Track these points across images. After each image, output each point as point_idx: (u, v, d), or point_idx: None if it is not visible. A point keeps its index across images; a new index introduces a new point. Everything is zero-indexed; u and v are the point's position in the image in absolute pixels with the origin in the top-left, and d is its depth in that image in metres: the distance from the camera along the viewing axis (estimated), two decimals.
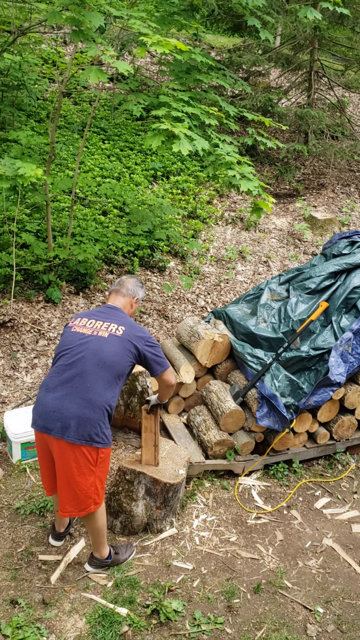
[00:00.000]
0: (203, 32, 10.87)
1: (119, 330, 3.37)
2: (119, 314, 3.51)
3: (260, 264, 7.47)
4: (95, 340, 3.32)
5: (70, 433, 3.17)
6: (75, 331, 3.39)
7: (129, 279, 3.68)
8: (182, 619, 3.42)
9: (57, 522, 3.75)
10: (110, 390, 3.28)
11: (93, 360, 3.26)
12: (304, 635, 3.42)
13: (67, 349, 3.33)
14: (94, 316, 3.47)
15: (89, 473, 3.26)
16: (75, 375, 3.25)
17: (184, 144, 4.41)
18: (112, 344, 3.32)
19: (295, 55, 9.99)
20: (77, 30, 4.47)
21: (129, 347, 3.35)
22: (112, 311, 3.52)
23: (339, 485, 4.65)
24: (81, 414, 3.18)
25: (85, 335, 3.35)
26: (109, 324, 3.40)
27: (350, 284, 4.90)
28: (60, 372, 3.29)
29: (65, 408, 3.19)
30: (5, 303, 5.60)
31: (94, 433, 3.21)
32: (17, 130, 7.40)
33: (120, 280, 3.68)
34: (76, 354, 3.29)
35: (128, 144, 8.63)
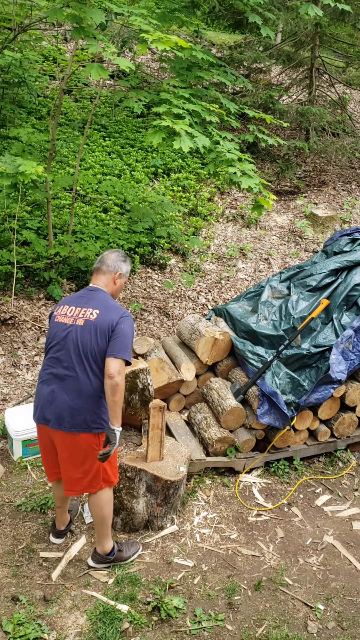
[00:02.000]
0: (204, 28, 10.85)
1: (93, 315, 3.30)
2: (98, 295, 3.40)
3: (261, 261, 7.47)
4: (74, 330, 3.29)
5: (66, 424, 3.25)
6: (59, 321, 3.37)
7: (110, 254, 3.52)
8: (182, 615, 3.43)
9: (57, 520, 3.76)
10: (98, 378, 3.27)
11: (75, 352, 3.26)
12: (305, 632, 3.43)
13: (54, 342, 3.34)
14: (74, 302, 3.40)
15: (93, 458, 3.31)
16: (64, 368, 3.29)
17: (185, 141, 4.41)
18: (88, 331, 3.27)
19: (296, 52, 9.96)
20: (78, 27, 4.46)
21: (103, 329, 3.25)
22: (91, 294, 3.42)
23: (340, 482, 4.65)
24: (73, 405, 3.24)
25: (67, 325, 3.32)
26: (86, 309, 3.33)
27: (351, 281, 4.90)
28: (51, 365, 3.34)
29: (57, 400, 3.28)
30: (6, 300, 5.60)
31: (90, 420, 3.26)
32: (17, 127, 7.39)
33: (101, 257, 3.53)
34: (61, 347, 3.31)
35: (129, 141, 8.62)
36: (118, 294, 3.56)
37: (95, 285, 3.47)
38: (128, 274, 3.55)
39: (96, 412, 3.28)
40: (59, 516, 3.75)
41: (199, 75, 5.34)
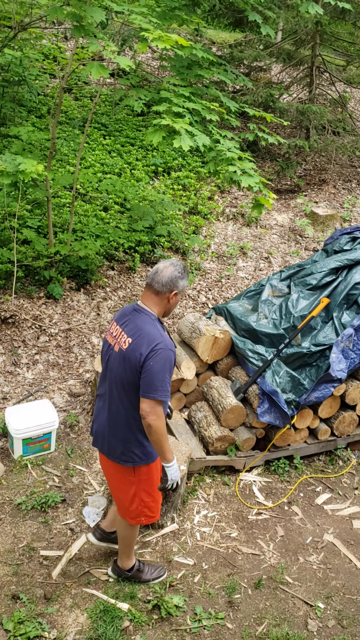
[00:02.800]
0: (204, 27, 10.82)
1: (126, 344, 3.02)
2: (138, 319, 3.05)
3: (261, 260, 7.47)
4: (112, 355, 3.11)
5: (105, 449, 3.20)
6: (106, 339, 3.20)
7: (165, 271, 3.04)
8: (183, 614, 3.43)
9: (107, 520, 3.68)
10: (130, 409, 3.07)
11: (111, 377, 3.12)
12: (305, 631, 3.43)
13: (104, 360, 3.21)
14: (120, 321, 3.14)
15: (129, 485, 3.22)
16: (104, 391, 3.20)
17: (185, 140, 4.40)
18: (120, 360, 3.03)
19: (297, 50, 9.95)
20: (78, 26, 4.46)
21: (132, 364, 2.98)
22: (134, 315, 3.08)
23: (340, 481, 4.66)
24: (107, 430, 3.17)
25: (110, 346, 3.14)
26: (123, 334, 3.06)
27: (351, 280, 4.90)
28: (102, 384, 3.25)
29: (100, 420, 3.23)
30: (7, 299, 5.60)
31: (120, 451, 3.14)
32: (18, 126, 7.39)
33: (155, 272, 3.06)
34: (105, 368, 3.19)
35: (129, 140, 8.62)
36: (172, 310, 3.23)
37: (142, 306, 3.09)
38: (185, 288, 3.16)
39: (126, 445, 3.12)
40: (110, 515, 3.68)
41: (199, 73, 5.34)
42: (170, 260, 3.11)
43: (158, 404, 2.95)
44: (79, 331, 5.69)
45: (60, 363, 5.34)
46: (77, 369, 5.32)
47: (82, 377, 5.23)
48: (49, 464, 4.36)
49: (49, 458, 4.41)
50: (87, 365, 5.36)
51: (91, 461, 4.44)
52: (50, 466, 4.34)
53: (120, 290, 6.31)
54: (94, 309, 5.99)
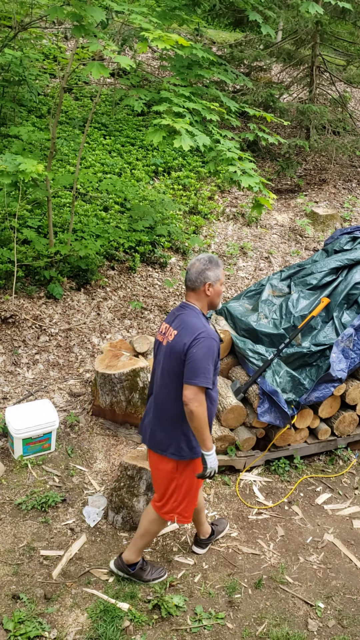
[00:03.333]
0: (204, 27, 10.82)
1: (171, 336, 3.19)
2: (183, 313, 3.22)
3: (261, 259, 7.47)
4: (162, 350, 3.26)
5: (150, 441, 3.33)
6: (156, 339, 3.36)
7: (193, 267, 3.22)
8: (183, 614, 3.43)
9: (198, 531, 3.82)
10: (177, 401, 3.16)
11: (161, 372, 3.25)
12: (305, 631, 3.43)
13: (154, 358, 3.37)
14: (168, 320, 3.31)
15: (170, 479, 3.32)
16: (156, 386, 3.33)
17: (185, 140, 4.40)
18: (168, 353, 3.19)
19: (297, 50, 9.94)
20: (79, 25, 4.46)
21: (177, 353, 3.14)
22: (180, 311, 3.26)
23: (340, 481, 4.66)
24: (155, 424, 3.30)
25: (160, 343, 3.30)
26: (171, 329, 3.22)
27: (351, 279, 4.89)
28: (151, 382, 3.41)
29: (149, 419, 3.36)
30: (7, 299, 5.60)
31: (167, 443, 3.25)
32: (18, 125, 7.38)
33: (187, 270, 3.26)
34: (156, 364, 3.34)
35: (129, 140, 8.61)
36: (217, 300, 3.30)
37: (185, 302, 3.29)
38: (220, 277, 3.25)
39: (174, 438, 3.23)
40: (197, 528, 3.80)
41: (200, 73, 5.34)
42: (197, 256, 3.26)
43: (200, 391, 3.05)
44: (79, 331, 5.69)
45: (61, 363, 5.34)
46: (77, 369, 5.32)
47: (82, 377, 5.23)
48: (49, 463, 4.36)
49: (49, 458, 4.41)
50: (87, 365, 5.36)
51: (91, 461, 4.44)
52: (51, 466, 4.34)
53: (120, 290, 6.32)
54: (94, 309, 5.99)
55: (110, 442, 4.61)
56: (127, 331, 5.86)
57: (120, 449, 4.56)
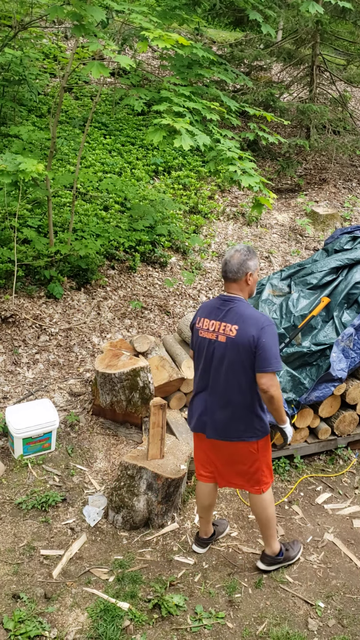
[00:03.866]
0: (204, 26, 10.82)
1: (233, 331, 3.25)
2: (235, 307, 3.29)
3: (261, 259, 7.47)
4: (217, 347, 3.30)
5: (221, 433, 3.39)
6: (203, 337, 3.37)
7: (232, 259, 3.29)
8: (183, 613, 3.43)
9: (201, 530, 3.83)
10: (247, 392, 3.31)
11: (222, 368, 3.31)
12: (305, 630, 3.43)
13: (200, 356, 3.41)
14: (212, 315, 3.34)
15: (253, 459, 3.46)
16: (214, 382, 3.37)
17: (186, 139, 4.40)
18: (231, 348, 3.25)
19: (297, 49, 9.94)
20: (79, 25, 4.46)
21: (245, 347, 3.22)
22: (227, 305, 3.32)
23: (340, 480, 4.66)
24: (224, 418, 3.36)
25: (211, 340, 3.32)
26: (225, 324, 3.28)
27: (352, 279, 4.89)
28: (202, 378, 3.43)
29: (211, 412, 3.40)
30: (7, 298, 5.60)
31: (242, 430, 3.36)
32: (18, 125, 7.39)
33: (225, 263, 3.32)
34: (209, 362, 3.36)
35: (129, 139, 8.61)
36: (254, 288, 3.46)
37: (230, 295, 3.35)
38: (257, 265, 3.38)
39: (248, 422, 3.36)
40: (202, 526, 3.82)
41: (200, 73, 5.34)
42: (235, 247, 3.34)
43: (275, 375, 3.25)
44: (80, 330, 5.69)
45: (61, 362, 5.34)
46: (78, 369, 5.32)
47: (83, 376, 5.23)
48: (49, 463, 4.36)
49: (49, 457, 4.41)
50: (87, 365, 5.36)
51: (91, 460, 4.44)
52: (51, 465, 4.34)
53: (120, 290, 6.32)
54: (95, 309, 5.99)
55: (110, 441, 4.61)
56: (128, 331, 5.86)
57: (120, 448, 4.56)
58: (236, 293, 3.35)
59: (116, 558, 3.72)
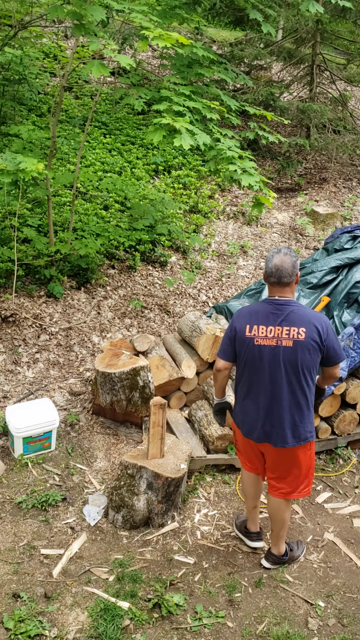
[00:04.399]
0: (205, 25, 10.82)
1: (301, 335, 3.24)
2: (295, 310, 3.29)
3: (262, 258, 7.47)
4: (283, 352, 3.27)
5: (277, 440, 3.40)
6: (261, 344, 3.29)
7: (283, 263, 3.26)
8: (183, 612, 3.43)
9: (251, 522, 3.87)
10: (307, 393, 3.36)
11: (286, 372, 3.29)
12: (305, 629, 3.43)
13: (255, 362, 3.34)
14: (270, 321, 3.29)
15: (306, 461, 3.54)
16: (273, 387, 3.34)
17: (186, 139, 4.40)
18: (302, 351, 3.25)
19: (297, 48, 9.93)
20: (79, 24, 4.46)
21: (315, 347, 3.26)
22: (283, 308, 3.29)
23: (340, 480, 4.66)
24: (284, 423, 3.37)
25: (272, 347, 3.27)
26: (289, 328, 3.25)
27: (352, 278, 4.89)
28: (258, 384, 3.37)
29: (267, 418, 3.39)
30: (7, 298, 5.60)
31: (299, 433, 3.40)
32: (18, 124, 7.39)
33: (277, 268, 3.27)
34: (269, 367, 3.32)
35: (129, 138, 8.61)
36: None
37: (284, 298, 3.32)
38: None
39: (308, 423, 3.42)
40: (254, 517, 3.83)
41: (200, 72, 5.33)
42: (278, 251, 3.32)
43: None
44: (80, 330, 5.69)
45: (61, 362, 5.34)
46: (78, 368, 5.32)
47: (83, 375, 5.23)
48: (49, 462, 4.36)
49: (49, 457, 4.41)
50: (87, 364, 5.36)
51: (92, 460, 4.45)
52: (51, 465, 4.34)
53: (120, 289, 6.32)
54: (95, 308, 5.99)
55: (110, 441, 4.61)
56: (128, 330, 5.86)
57: (120, 447, 4.56)
58: (288, 296, 3.33)
59: (116, 557, 3.72)
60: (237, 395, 3.53)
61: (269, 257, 3.32)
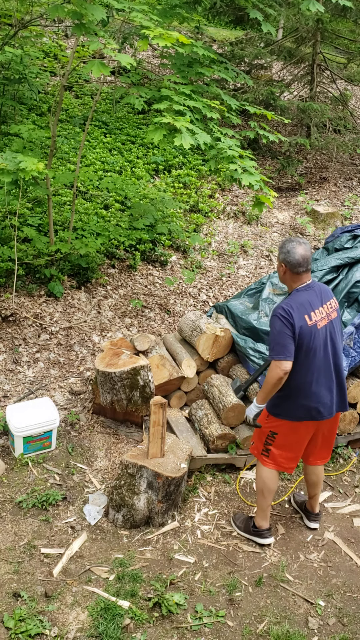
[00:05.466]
0: (205, 24, 10.81)
1: (335, 303, 3.66)
2: (320, 287, 3.66)
3: (262, 258, 7.46)
4: (331, 325, 3.59)
5: (335, 408, 3.73)
6: (320, 326, 3.53)
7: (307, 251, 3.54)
8: (183, 612, 3.44)
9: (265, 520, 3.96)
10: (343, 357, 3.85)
11: (337, 343, 3.65)
12: (306, 628, 3.44)
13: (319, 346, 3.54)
14: (317, 303, 3.55)
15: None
16: (333, 363, 3.62)
17: (186, 138, 4.40)
18: (338, 317, 3.69)
19: (298, 48, 9.93)
20: (79, 24, 4.45)
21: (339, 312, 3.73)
22: (316, 287, 3.62)
23: (341, 479, 4.66)
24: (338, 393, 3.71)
25: (327, 325, 3.57)
26: (328, 302, 3.61)
27: (352, 278, 4.89)
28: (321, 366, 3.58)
29: (332, 393, 3.66)
30: (7, 297, 5.60)
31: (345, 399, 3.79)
32: (18, 124, 7.38)
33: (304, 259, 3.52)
34: (329, 344, 3.59)
35: (130, 138, 8.61)
36: None
37: (310, 282, 3.61)
38: None
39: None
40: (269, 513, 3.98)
41: (200, 71, 5.33)
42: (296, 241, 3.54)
43: None
44: (80, 329, 5.69)
45: (61, 361, 5.34)
46: (78, 367, 5.32)
47: (83, 375, 5.24)
48: (49, 462, 4.36)
49: (49, 456, 4.41)
50: (87, 364, 5.36)
51: (92, 459, 4.45)
52: (51, 464, 4.35)
53: (121, 289, 6.31)
54: (95, 307, 5.99)
55: (110, 440, 4.62)
56: (128, 329, 5.86)
57: (120, 447, 4.56)
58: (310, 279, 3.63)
59: (116, 556, 3.72)
60: (302, 386, 3.58)
61: (290, 249, 3.51)
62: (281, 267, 3.58)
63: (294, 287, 3.57)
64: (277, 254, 3.65)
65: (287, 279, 3.61)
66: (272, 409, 3.69)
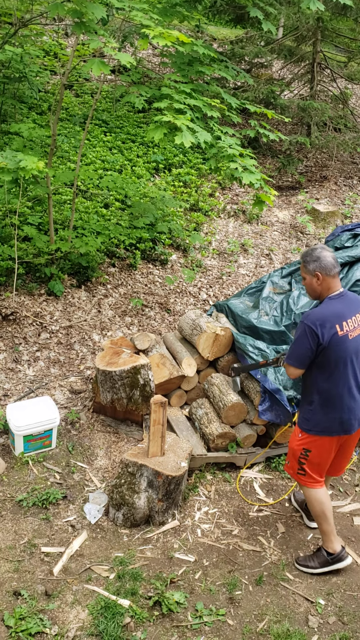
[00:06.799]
0: (205, 23, 10.81)
1: None
2: (351, 294, 3.59)
3: (262, 256, 7.46)
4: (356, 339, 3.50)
5: None
6: (353, 336, 3.47)
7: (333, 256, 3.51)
8: (184, 610, 3.44)
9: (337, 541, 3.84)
10: None
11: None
12: (306, 627, 3.44)
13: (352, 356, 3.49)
14: (349, 313, 3.47)
15: None
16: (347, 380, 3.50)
17: (186, 137, 4.40)
18: None
19: (298, 46, 9.92)
20: (79, 22, 4.45)
21: None
22: (347, 296, 3.54)
23: (341, 478, 4.66)
24: None
25: (358, 335, 3.50)
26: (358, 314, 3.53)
27: (352, 276, 4.89)
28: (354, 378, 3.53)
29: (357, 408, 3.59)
30: (7, 296, 5.60)
31: None
32: (18, 122, 7.38)
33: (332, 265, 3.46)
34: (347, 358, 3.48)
35: (130, 136, 8.60)
36: None
37: (342, 288, 3.56)
38: None
39: None
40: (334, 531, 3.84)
41: (200, 70, 5.33)
42: (321, 248, 3.51)
43: None
44: (80, 328, 5.69)
45: (61, 360, 5.34)
46: (78, 366, 5.32)
47: (83, 374, 5.24)
48: (50, 460, 4.37)
49: (50, 455, 4.41)
50: (88, 362, 5.37)
51: (92, 458, 4.45)
52: (51, 463, 4.35)
53: (121, 287, 6.31)
54: (95, 306, 5.99)
55: (111, 439, 4.62)
56: (128, 328, 5.86)
57: (121, 446, 4.56)
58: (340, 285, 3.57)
59: (117, 555, 3.73)
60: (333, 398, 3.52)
61: (320, 255, 3.46)
62: (315, 276, 3.47)
63: (326, 295, 3.51)
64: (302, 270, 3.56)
65: (320, 288, 3.51)
66: (303, 424, 3.62)
